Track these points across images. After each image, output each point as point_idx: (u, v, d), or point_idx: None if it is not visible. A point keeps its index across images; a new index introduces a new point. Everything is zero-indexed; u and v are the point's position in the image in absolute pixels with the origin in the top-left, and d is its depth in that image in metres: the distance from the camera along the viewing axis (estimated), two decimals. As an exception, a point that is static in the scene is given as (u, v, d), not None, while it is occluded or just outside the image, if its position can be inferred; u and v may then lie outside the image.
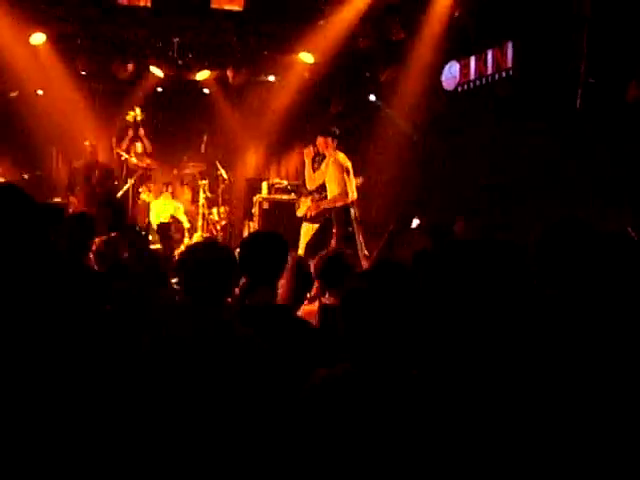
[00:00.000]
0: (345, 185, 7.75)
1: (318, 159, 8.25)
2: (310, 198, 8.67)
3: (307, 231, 8.58)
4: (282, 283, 3.46)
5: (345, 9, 8.81)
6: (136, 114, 10.36)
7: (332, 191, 7.88)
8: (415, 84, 9.42)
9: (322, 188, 8.39)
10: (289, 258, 3.46)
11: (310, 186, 8.35)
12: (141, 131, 10.83)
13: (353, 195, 7.83)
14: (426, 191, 9.44)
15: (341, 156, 7.85)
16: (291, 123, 11.43)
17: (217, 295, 2.75)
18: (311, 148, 8.17)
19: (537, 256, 2.55)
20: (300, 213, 9.16)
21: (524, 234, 2.90)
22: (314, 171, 8.20)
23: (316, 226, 8.64)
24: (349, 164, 7.82)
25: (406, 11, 8.88)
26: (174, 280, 4.44)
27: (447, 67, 9.24)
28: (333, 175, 7.82)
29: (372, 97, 10.97)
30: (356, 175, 8.10)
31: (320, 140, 7.93)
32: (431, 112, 9.39)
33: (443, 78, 9.26)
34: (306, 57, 10.31)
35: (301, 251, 8.80)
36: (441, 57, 9.06)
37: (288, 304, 3.52)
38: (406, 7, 8.82)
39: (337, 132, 7.99)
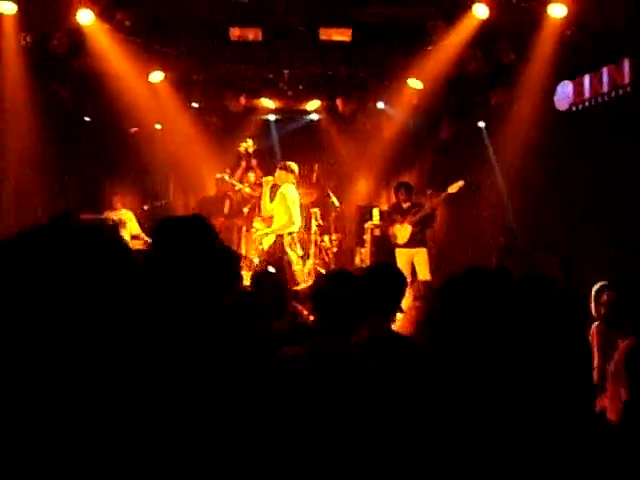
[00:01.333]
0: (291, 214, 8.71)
1: (274, 190, 9.04)
2: (407, 221, 9.18)
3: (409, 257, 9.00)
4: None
5: (453, 34, 8.71)
6: (248, 145, 10.61)
7: (278, 221, 8.82)
8: (526, 106, 9.18)
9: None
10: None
11: (264, 214, 9.27)
12: (253, 161, 11.08)
13: (298, 222, 8.94)
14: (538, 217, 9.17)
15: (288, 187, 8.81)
16: (401, 149, 11.40)
17: (351, 325, 2.85)
18: (270, 178, 9.08)
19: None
20: (402, 240, 9.38)
21: None
22: (271, 201, 8.99)
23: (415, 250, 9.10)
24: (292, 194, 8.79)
25: (516, 32, 8.69)
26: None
27: (560, 87, 8.96)
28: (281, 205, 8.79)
29: (481, 124, 10.82)
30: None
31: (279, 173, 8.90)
32: (544, 134, 9.11)
33: (556, 98, 8.98)
34: (415, 83, 10.27)
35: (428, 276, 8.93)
36: (553, 77, 8.80)
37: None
38: (516, 28, 8.63)
39: (291, 167, 8.99)
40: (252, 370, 2.12)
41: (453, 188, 9.56)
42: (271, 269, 6.28)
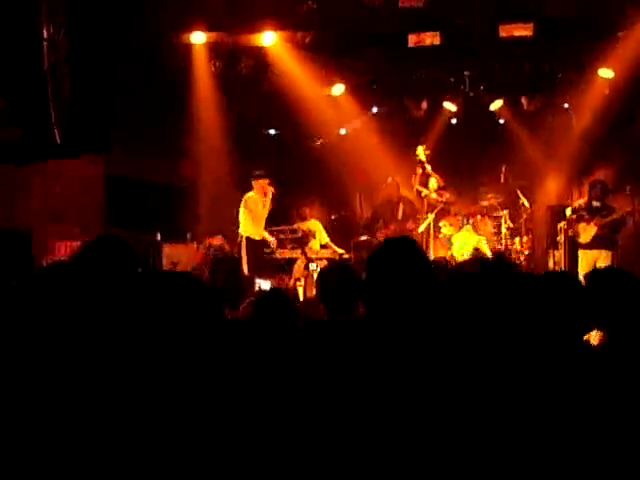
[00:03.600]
0: None
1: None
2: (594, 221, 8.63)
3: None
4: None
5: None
6: (418, 153, 10.52)
7: None
8: None
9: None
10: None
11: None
12: (428, 167, 10.93)
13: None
14: None
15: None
16: (592, 144, 10.79)
17: None
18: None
19: None
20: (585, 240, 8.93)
21: None
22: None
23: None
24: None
25: None
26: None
27: None
28: None
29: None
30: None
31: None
32: None
33: None
34: (606, 73, 9.70)
35: None
36: None
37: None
38: None
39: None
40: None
41: None
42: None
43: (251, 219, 9.44)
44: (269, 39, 8.98)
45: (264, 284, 8.88)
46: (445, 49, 9.18)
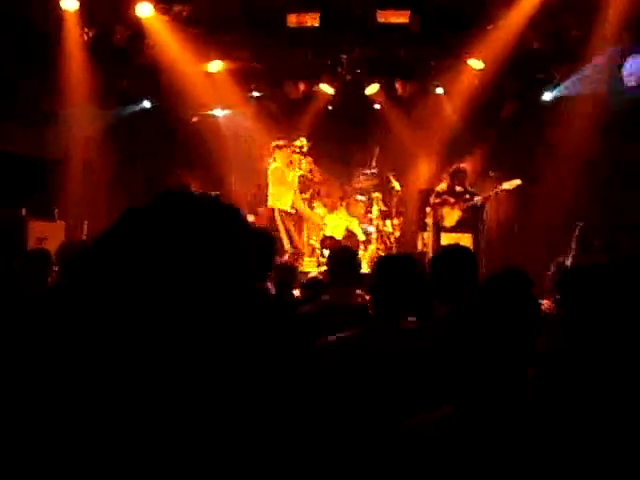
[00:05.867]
0: None
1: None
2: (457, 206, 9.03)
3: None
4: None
5: (514, 11, 8.52)
6: (302, 144, 10.57)
7: None
8: (594, 83, 8.93)
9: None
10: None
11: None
12: (308, 159, 10.94)
13: None
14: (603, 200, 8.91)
15: None
16: (462, 131, 11.22)
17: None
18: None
19: None
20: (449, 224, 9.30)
21: None
22: None
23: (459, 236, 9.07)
24: None
25: (581, 6, 8.43)
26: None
27: (629, 61, 8.65)
28: None
29: (547, 95, 10.54)
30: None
31: None
32: (612, 112, 8.83)
33: (625, 74, 8.69)
34: (475, 64, 10.08)
35: None
36: (622, 52, 8.52)
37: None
38: (581, 2, 8.38)
39: None
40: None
41: (509, 185, 9.41)
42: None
43: (279, 191, 9.28)
44: (145, 10, 8.67)
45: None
46: (324, 31, 9.20)
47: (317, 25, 8.97)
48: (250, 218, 10.23)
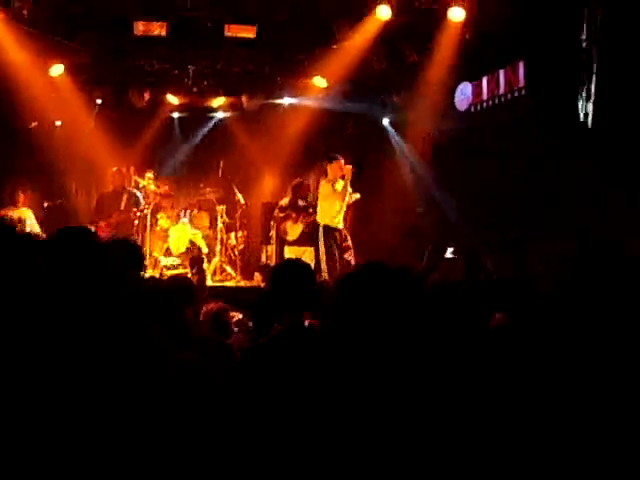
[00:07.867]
0: None
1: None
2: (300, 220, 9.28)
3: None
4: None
5: (358, 33, 8.85)
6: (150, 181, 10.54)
7: None
8: (429, 106, 9.48)
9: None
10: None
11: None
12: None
13: None
14: (443, 210, 9.50)
15: None
16: (306, 146, 11.50)
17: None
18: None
19: None
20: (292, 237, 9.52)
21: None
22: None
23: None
24: None
25: (418, 34, 8.95)
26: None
27: (459, 88, 9.29)
28: None
29: (385, 121, 11.06)
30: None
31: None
32: (445, 133, 9.44)
33: (456, 99, 9.31)
34: (320, 81, 10.39)
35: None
36: (454, 78, 9.12)
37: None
38: (418, 30, 8.88)
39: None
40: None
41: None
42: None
43: (324, 207, 9.14)
44: (-21, 5, 8.21)
45: None
46: (171, 41, 9.13)
47: (164, 35, 8.89)
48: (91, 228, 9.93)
